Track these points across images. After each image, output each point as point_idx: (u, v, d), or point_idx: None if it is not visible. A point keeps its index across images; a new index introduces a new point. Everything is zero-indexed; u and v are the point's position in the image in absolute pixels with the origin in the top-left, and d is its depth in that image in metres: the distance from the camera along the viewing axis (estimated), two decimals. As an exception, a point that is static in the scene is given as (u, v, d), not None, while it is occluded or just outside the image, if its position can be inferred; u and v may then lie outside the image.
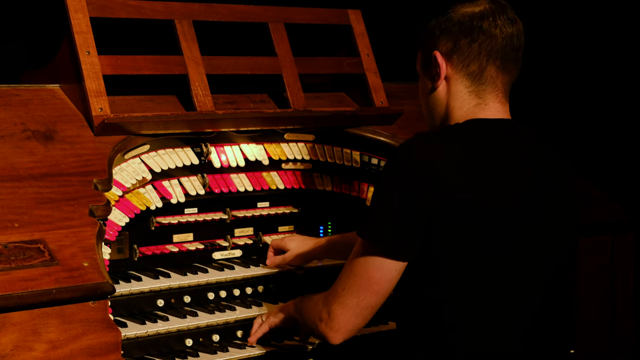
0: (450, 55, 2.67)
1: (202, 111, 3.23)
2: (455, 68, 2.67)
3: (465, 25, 2.64)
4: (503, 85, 2.69)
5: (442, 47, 2.68)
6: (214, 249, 3.37)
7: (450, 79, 2.69)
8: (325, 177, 3.58)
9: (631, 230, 3.78)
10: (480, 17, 2.64)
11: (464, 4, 2.67)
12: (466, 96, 2.68)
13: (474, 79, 2.67)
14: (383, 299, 2.62)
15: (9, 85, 3.08)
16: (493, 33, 2.64)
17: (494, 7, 2.66)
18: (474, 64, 2.65)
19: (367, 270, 2.59)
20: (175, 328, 2.99)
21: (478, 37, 2.64)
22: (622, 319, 3.77)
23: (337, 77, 3.69)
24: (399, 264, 2.57)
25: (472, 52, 2.65)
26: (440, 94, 2.72)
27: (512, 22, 2.67)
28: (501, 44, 2.64)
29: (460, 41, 2.65)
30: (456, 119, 2.69)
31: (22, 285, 2.48)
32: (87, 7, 3.12)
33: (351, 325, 2.64)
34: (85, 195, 2.81)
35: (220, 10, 3.42)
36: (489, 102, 2.68)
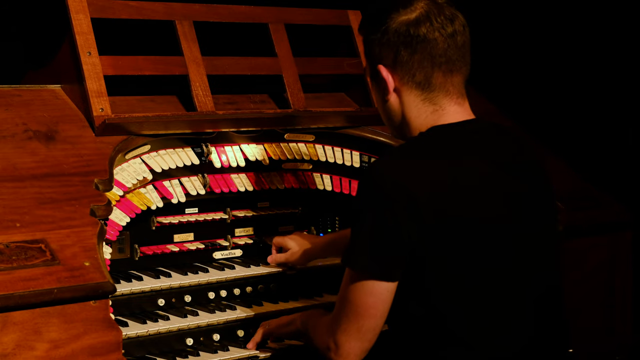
0: (394, 67, 2.64)
1: (203, 111, 3.24)
2: (402, 80, 2.64)
3: (403, 35, 2.60)
4: (455, 86, 2.65)
5: (385, 60, 2.65)
6: (214, 248, 3.38)
7: (400, 90, 2.66)
8: (325, 177, 3.58)
9: (630, 229, 3.78)
10: (417, 23, 2.59)
11: (400, 11, 2.61)
12: (420, 105, 2.65)
13: (423, 88, 2.63)
14: (382, 318, 2.61)
15: (11, 85, 3.09)
16: (432, 38, 2.59)
17: (429, 9, 2.61)
18: (419, 74, 2.62)
19: (360, 297, 2.58)
20: (176, 327, 3.00)
21: (417, 45, 2.59)
22: (621, 318, 3.78)
23: (337, 78, 3.70)
24: (390, 285, 2.56)
25: (414, 62, 2.61)
26: (394, 105, 2.69)
27: (451, 20, 2.62)
28: (443, 47, 2.60)
29: (400, 53, 2.61)
30: (417, 127, 2.66)
31: (23, 285, 2.49)
32: (88, 7, 3.13)
33: (358, 349, 2.63)
34: (86, 195, 2.82)
35: (220, 11, 3.43)
36: (445, 107, 2.64)
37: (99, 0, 3.17)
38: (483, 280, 2.53)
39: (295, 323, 2.95)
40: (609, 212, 3.75)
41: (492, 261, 2.53)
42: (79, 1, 3.13)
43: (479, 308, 2.54)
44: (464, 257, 2.51)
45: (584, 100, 4.81)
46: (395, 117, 2.71)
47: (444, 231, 2.49)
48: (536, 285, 2.61)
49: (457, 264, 2.51)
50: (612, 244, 3.73)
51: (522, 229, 2.58)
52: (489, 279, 2.54)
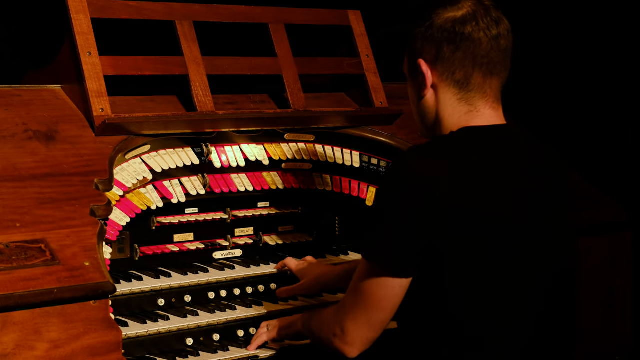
0: (435, 63, 2.62)
1: (203, 111, 3.24)
2: (441, 76, 2.63)
3: (447, 31, 2.59)
4: (492, 89, 2.64)
5: (427, 55, 2.63)
6: (214, 248, 3.38)
7: (437, 87, 2.64)
8: (325, 177, 3.59)
9: (630, 230, 3.78)
10: (463, 21, 2.58)
11: (447, 8, 2.61)
12: (456, 104, 2.64)
13: (461, 87, 2.62)
14: (393, 312, 2.61)
15: (11, 85, 3.09)
16: (477, 37, 2.58)
17: (477, 9, 2.60)
18: (459, 72, 2.61)
19: (372, 288, 2.58)
20: (176, 327, 3.00)
21: (461, 43, 2.58)
22: (621, 318, 3.78)
23: (337, 78, 3.70)
24: (403, 281, 2.56)
25: (456, 59, 2.60)
26: (429, 102, 2.67)
27: (497, 23, 2.61)
28: (486, 48, 2.59)
29: (443, 48, 2.60)
30: (449, 127, 2.65)
31: (23, 285, 2.49)
32: (88, 8, 3.13)
33: (365, 338, 2.63)
34: (86, 195, 2.82)
35: (220, 11, 3.43)
36: (480, 109, 2.63)
37: (99, 0, 3.18)
38: (498, 279, 2.53)
39: (297, 324, 2.95)
40: (609, 212, 3.75)
41: (508, 261, 2.53)
42: (79, 1, 3.13)
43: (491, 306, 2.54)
44: (481, 256, 2.51)
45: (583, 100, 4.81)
46: (429, 114, 2.69)
47: (463, 230, 2.49)
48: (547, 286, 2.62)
49: (474, 263, 2.51)
50: (611, 244, 3.73)
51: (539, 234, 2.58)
52: (504, 278, 2.54)
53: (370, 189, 3.63)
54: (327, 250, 3.61)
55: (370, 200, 3.63)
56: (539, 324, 2.61)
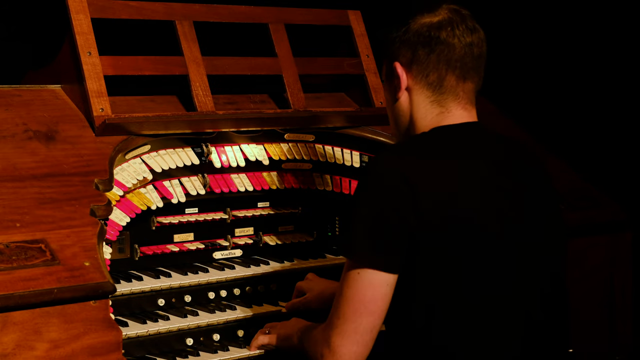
0: (410, 65, 2.69)
1: (203, 111, 3.24)
2: (415, 78, 2.69)
3: (423, 35, 2.66)
4: (465, 93, 2.69)
5: (402, 58, 2.70)
6: (214, 248, 3.38)
7: (411, 89, 2.70)
8: (325, 177, 3.59)
9: (630, 229, 3.78)
10: (438, 27, 2.66)
11: (424, 14, 2.69)
12: (428, 106, 2.69)
13: (435, 89, 2.68)
14: (380, 319, 2.57)
15: (11, 85, 3.09)
16: (451, 42, 2.65)
17: (452, 16, 2.67)
18: (433, 74, 2.67)
19: (358, 290, 2.55)
20: (176, 327, 3.00)
21: (436, 47, 2.65)
22: (621, 318, 3.78)
23: (337, 78, 3.70)
24: (389, 277, 2.54)
25: (430, 62, 2.66)
26: (403, 104, 2.73)
27: (472, 31, 2.68)
28: (460, 53, 2.65)
29: (418, 51, 2.67)
30: (421, 128, 2.70)
31: (23, 285, 2.49)
32: (88, 8, 3.13)
33: (354, 354, 2.57)
34: (86, 195, 2.82)
35: (220, 11, 3.43)
36: (452, 110, 2.68)
37: (99, 0, 3.18)
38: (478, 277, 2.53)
39: (292, 339, 2.90)
40: (608, 212, 3.75)
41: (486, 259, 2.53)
42: (79, 1, 3.13)
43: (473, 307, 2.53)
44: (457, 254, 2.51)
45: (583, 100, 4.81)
46: (403, 117, 2.74)
47: (440, 225, 2.50)
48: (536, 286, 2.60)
49: (451, 262, 2.51)
50: (611, 244, 3.73)
51: (518, 229, 2.59)
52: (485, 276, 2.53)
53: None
54: (327, 250, 3.61)
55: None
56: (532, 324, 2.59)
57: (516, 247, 2.57)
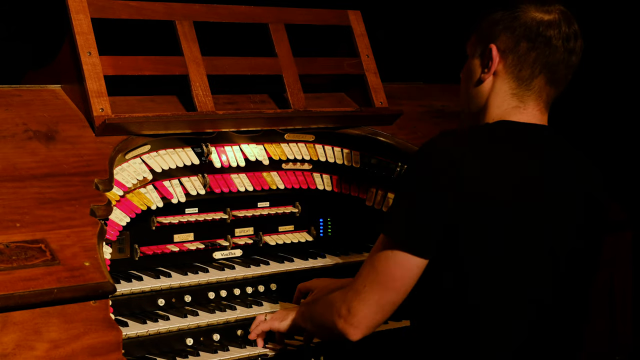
0: (507, 54, 2.65)
1: (203, 111, 3.24)
2: (507, 68, 2.66)
3: (531, 29, 2.62)
4: (547, 96, 2.69)
5: (501, 43, 2.66)
6: (214, 248, 3.38)
7: (498, 76, 2.68)
8: (325, 177, 3.59)
9: (630, 229, 3.78)
10: (548, 25, 2.63)
11: (537, 6, 2.65)
12: (508, 97, 2.67)
13: (521, 84, 2.66)
14: (404, 295, 2.61)
15: (11, 85, 3.09)
16: (555, 45, 2.63)
17: (563, 17, 2.65)
18: (526, 70, 2.65)
19: (389, 266, 2.58)
20: (176, 327, 3.00)
21: (539, 45, 2.63)
22: (621, 318, 3.78)
23: (337, 78, 3.70)
24: (421, 261, 2.57)
25: (529, 58, 2.64)
26: (485, 87, 2.70)
27: (576, 37, 2.66)
28: (559, 59, 2.64)
29: (521, 43, 2.63)
30: (491, 116, 2.69)
31: (23, 285, 2.49)
32: (88, 8, 3.13)
33: (371, 321, 2.63)
34: (86, 195, 2.82)
35: (220, 11, 3.43)
36: (529, 108, 2.68)
37: (99, 0, 3.18)
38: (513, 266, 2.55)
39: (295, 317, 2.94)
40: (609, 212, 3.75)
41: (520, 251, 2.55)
42: (79, 1, 3.13)
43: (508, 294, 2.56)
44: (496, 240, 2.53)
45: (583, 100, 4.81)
46: (480, 98, 2.72)
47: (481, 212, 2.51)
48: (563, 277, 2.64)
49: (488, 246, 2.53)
50: (611, 244, 3.73)
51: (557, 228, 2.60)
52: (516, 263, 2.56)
53: (370, 189, 3.63)
54: (327, 250, 3.61)
55: (370, 200, 3.64)
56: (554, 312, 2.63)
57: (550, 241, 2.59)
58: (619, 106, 4.76)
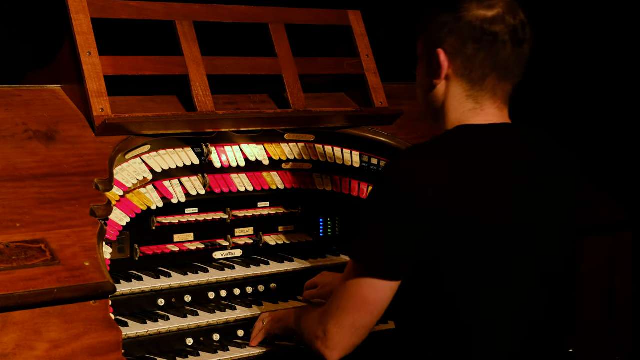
0: (455, 57, 2.59)
1: (203, 111, 3.24)
2: (457, 71, 2.60)
3: (476, 29, 2.55)
4: (503, 92, 2.63)
5: (448, 47, 2.59)
6: (214, 248, 3.38)
7: (450, 79, 2.62)
8: (325, 177, 3.59)
9: (630, 230, 3.78)
10: (492, 21, 2.55)
11: (479, 3, 2.57)
12: (464, 99, 2.61)
13: (474, 85, 2.60)
14: (379, 316, 2.58)
15: (11, 85, 3.09)
16: (502, 40, 2.56)
17: (507, 10, 2.57)
18: (476, 71, 2.58)
19: (361, 290, 2.55)
20: (176, 327, 3.00)
21: (486, 45, 2.56)
22: (621, 318, 3.78)
23: (337, 78, 3.70)
24: (393, 284, 2.54)
25: (477, 59, 2.57)
26: (439, 92, 2.65)
27: (523, 27, 2.60)
28: (508, 53, 2.57)
29: (467, 46, 2.56)
30: (449, 120, 2.63)
31: (23, 285, 2.49)
32: (88, 8, 3.13)
33: (347, 344, 2.60)
34: (86, 195, 2.82)
35: (220, 11, 3.43)
36: (486, 108, 2.61)
37: (99, 0, 3.18)
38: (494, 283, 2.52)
39: (287, 319, 2.94)
40: (608, 212, 3.75)
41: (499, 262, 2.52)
42: (79, 1, 3.13)
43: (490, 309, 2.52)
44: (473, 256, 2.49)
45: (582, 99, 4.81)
46: (435, 102, 2.67)
47: (455, 231, 2.47)
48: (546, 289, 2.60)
49: (466, 263, 2.49)
50: (611, 243, 3.73)
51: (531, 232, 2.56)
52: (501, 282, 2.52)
53: (370, 189, 3.63)
54: (328, 250, 3.61)
55: (370, 200, 3.64)
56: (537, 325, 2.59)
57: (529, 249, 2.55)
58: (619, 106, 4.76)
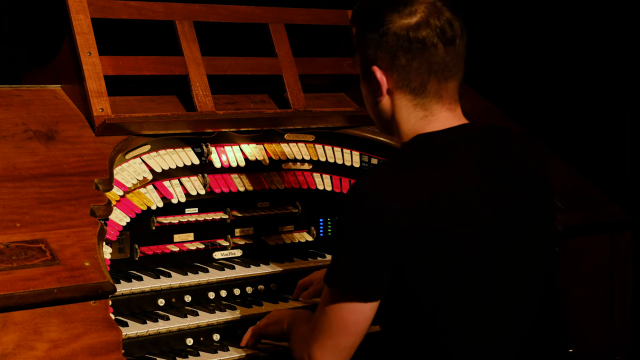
0: (391, 71, 2.56)
1: (203, 111, 3.24)
2: (397, 84, 2.57)
3: (403, 39, 2.52)
4: (448, 92, 2.58)
5: (381, 62, 2.57)
6: (214, 248, 3.38)
7: (392, 93, 2.59)
8: (325, 177, 3.59)
9: (630, 229, 3.78)
10: (417, 28, 2.52)
11: (400, 12, 2.53)
12: (411, 109, 2.58)
13: (417, 94, 2.56)
14: (361, 336, 2.56)
15: (11, 85, 3.10)
16: (432, 43, 2.52)
17: (429, 12, 2.53)
18: (415, 80, 2.55)
19: (341, 314, 2.53)
20: (176, 327, 3.00)
21: (417, 52, 2.52)
22: (621, 317, 3.78)
23: (337, 78, 3.70)
24: (372, 304, 2.52)
25: (412, 68, 2.54)
26: (385, 106, 2.62)
27: (451, 24, 2.54)
28: (442, 54, 2.53)
29: (399, 57, 2.53)
30: (404, 131, 2.60)
31: (23, 285, 2.49)
32: (88, 8, 3.14)
33: None
34: (86, 195, 2.82)
35: (220, 11, 3.43)
36: (436, 113, 2.58)
37: (99, 1, 3.18)
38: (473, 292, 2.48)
39: (282, 323, 2.92)
40: (608, 212, 3.75)
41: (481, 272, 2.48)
42: (79, 1, 3.13)
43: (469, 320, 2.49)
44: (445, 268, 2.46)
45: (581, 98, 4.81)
46: (385, 117, 2.65)
47: (426, 248, 2.44)
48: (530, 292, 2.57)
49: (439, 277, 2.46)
50: (611, 243, 3.73)
51: (511, 237, 2.53)
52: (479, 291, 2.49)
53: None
54: (327, 250, 3.61)
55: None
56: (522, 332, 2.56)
57: (506, 253, 2.51)
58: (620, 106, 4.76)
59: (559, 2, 4.80)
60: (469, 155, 2.54)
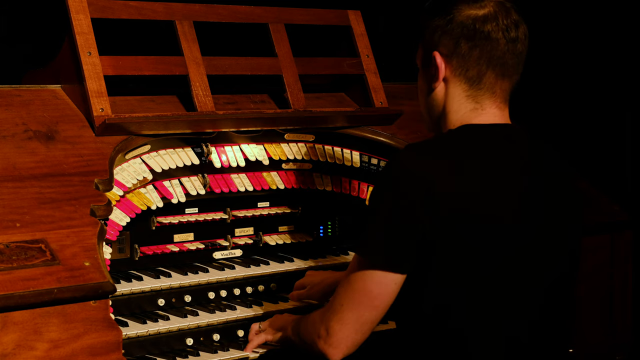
0: (450, 57, 2.63)
1: (203, 111, 3.24)
2: (454, 71, 2.63)
3: (468, 28, 2.59)
4: (502, 91, 2.65)
5: (443, 49, 2.63)
6: (214, 248, 3.38)
7: (448, 81, 2.65)
8: (325, 177, 3.59)
9: (629, 229, 3.78)
10: (484, 20, 2.59)
11: (469, 4, 2.62)
12: (463, 100, 2.64)
13: (472, 84, 2.63)
14: (383, 312, 2.59)
15: (11, 85, 3.09)
16: (495, 38, 2.59)
17: (498, 9, 2.61)
18: (473, 69, 2.61)
19: (366, 285, 2.56)
20: (176, 327, 3.00)
21: (480, 42, 2.59)
22: (621, 317, 3.78)
23: (337, 78, 3.70)
24: (398, 277, 2.55)
25: (472, 57, 2.60)
26: (438, 94, 2.68)
27: (517, 26, 2.63)
28: (503, 50, 2.60)
29: (461, 45, 2.60)
30: (452, 122, 2.66)
31: (23, 285, 2.49)
32: (88, 8, 3.13)
33: (351, 341, 2.60)
34: (86, 195, 2.82)
35: (220, 11, 3.43)
36: (486, 107, 2.64)
37: (99, 0, 3.18)
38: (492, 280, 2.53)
39: (286, 328, 2.92)
40: (608, 212, 3.76)
41: (500, 261, 2.53)
42: (79, 1, 3.13)
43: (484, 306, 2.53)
44: (474, 254, 2.50)
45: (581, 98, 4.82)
46: (437, 107, 2.69)
47: (457, 227, 2.49)
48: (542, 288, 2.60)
49: (467, 261, 2.50)
50: (611, 244, 3.73)
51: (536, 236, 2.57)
52: (496, 278, 2.53)
53: (370, 189, 3.63)
54: (327, 250, 3.61)
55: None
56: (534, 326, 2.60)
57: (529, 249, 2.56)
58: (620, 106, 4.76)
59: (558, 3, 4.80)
60: (508, 152, 2.60)
